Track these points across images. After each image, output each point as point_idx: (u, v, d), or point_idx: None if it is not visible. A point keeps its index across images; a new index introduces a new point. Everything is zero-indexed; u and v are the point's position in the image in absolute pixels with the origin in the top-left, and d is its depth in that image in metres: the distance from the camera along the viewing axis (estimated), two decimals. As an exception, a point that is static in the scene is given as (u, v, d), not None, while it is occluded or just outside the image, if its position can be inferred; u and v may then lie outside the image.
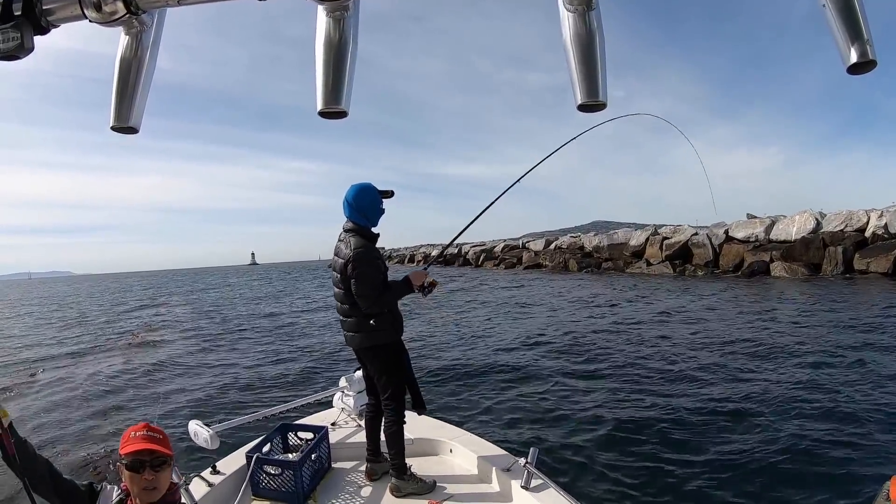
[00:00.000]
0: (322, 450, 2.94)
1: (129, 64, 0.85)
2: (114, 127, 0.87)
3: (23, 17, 0.75)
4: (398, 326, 2.76)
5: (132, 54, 0.85)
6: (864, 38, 0.69)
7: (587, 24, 0.74)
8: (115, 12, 0.77)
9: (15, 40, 0.74)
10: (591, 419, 5.19)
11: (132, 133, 0.89)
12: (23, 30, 0.75)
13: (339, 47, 0.77)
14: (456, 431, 3.25)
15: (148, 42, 0.85)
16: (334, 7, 0.75)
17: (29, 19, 0.76)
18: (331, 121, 0.79)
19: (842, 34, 0.69)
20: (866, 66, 0.70)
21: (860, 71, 0.71)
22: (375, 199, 2.68)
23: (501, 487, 2.64)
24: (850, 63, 0.69)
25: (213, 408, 6.32)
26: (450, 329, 11.80)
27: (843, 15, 0.69)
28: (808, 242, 22.61)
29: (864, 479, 3.66)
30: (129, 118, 0.86)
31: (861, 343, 7.94)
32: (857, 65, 0.69)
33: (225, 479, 2.66)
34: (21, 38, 0.75)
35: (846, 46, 0.69)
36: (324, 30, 0.77)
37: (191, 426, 2.93)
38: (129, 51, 0.85)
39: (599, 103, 0.75)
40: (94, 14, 0.77)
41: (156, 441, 1.55)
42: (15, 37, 0.74)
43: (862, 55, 0.69)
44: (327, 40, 0.77)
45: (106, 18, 0.77)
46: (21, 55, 0.76)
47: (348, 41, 0.77)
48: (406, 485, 2.69)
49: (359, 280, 2.57)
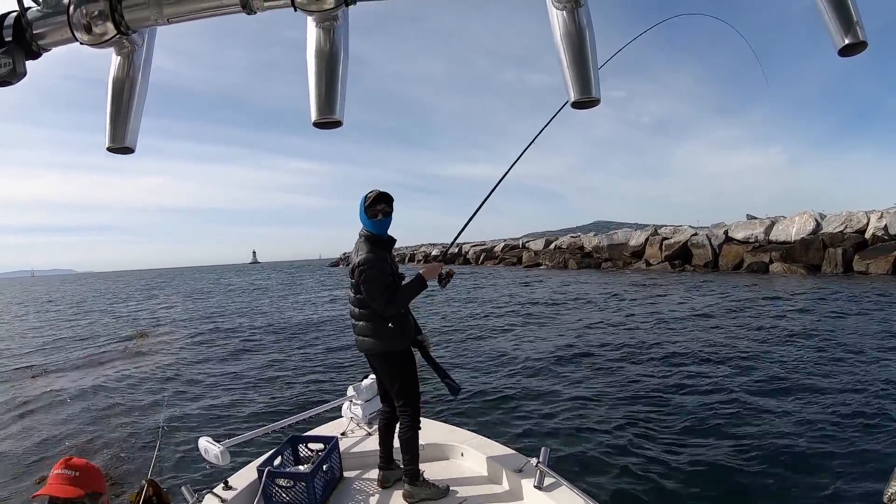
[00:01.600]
0: (333, 460, 2.96)
1: (121, 84, 0.85)
2: (110, 148, 0.87)
3: (14, 42, 0.77)
4: (408, 333, 2.80)
5: (124, 75, 0.85)
6: (854, 19, 0.69)
7: (577, 21, 0.75)
8: (106, 33, 0.77)
9: (7, 66, 0.75)
10: (602, 418, 5.23)
11: (128, 153, 0.88)
12: (14, 55, 0.76)
13: (330, 57, 0.77)
14: (466, 435, 3.26)
15: (140, 61, 0.85)
16: (323, 17, 0.76)
17: (20, 44, 0.77)
18: (326, 131, 0.78)
19: (832, 17, 0.70)
20: (857, 48, 0.70)
21: (851, 52, 0.71)
22: (361, 207, 2.74)
23: (514, 488, 2.65)
24: (842, 45, 0.70)
25: (220, 421, 6.29)
26: (454, 329, 11.83)
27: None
28: (807, 243, 22.66)
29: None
30: (124, 138, 0.86)
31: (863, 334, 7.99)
32: (849, 46, 0.70)
33: (237, 494, 2.67)
34: (13, 63, 0.76)
35: (837, 29, 0.70)
36: (314, 40, 0.77)
37: (201, 443, 2.93)
38: (121, 71, 0.85)
39: (593, 99, 0.74)
40: (85, 36, 0.77)
41: (71, 482, 1.52)
42: (7, 62, 0.75)
43: (853, 36, 0.69)
44: (318, 50, 0.77)
45: (96, 40, 0.77)
46: (14, 80, 0.77)
47: (339, 51, 0.77)
48: (419, 490, 2.71)
49: (367, 285, 2.63)
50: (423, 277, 2.74)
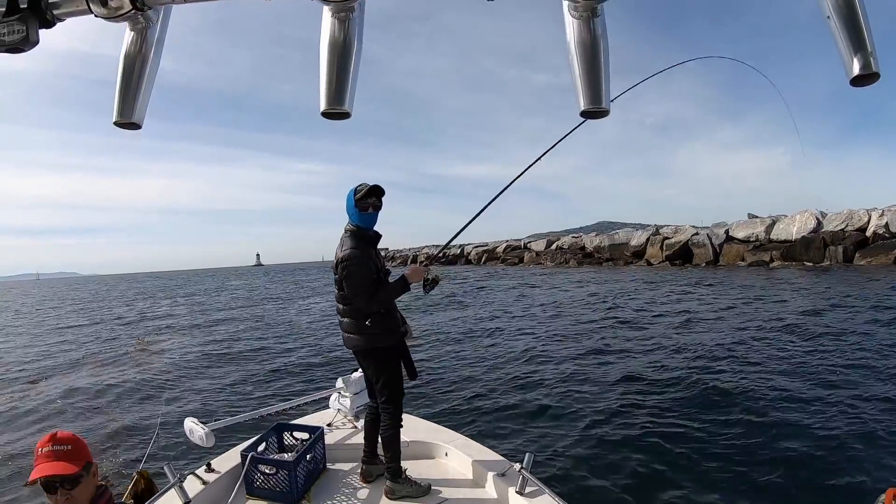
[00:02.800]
0: (317, 450, 2.96)
1: (133, 60, 0.85)
2: (116, 122, 0.87)
3: (28, 10, 0.76)
4: (395, 329, 2.78)
5: (136, 50, 0.84)
6: (868, 49, 0.69)
7: (591, 31, 0.74)
8: (121, 7, 0.77)
9: (20, 33, 0.75)
10: (588, 424, 5.15)
11: (135, 129, 0.88)
12: (28, 23, 0.75)
13: (343, 48, 0.77)
14: (451, 435, 3.25)
15: (153, 39, 0.85)
16: (339, 7, 0.76)
17: (35, 13, 0.76)
18: (334, 121, 0.79)
19: (846, 46, 0.70)
20: (869, 79, 0.70)
21: (863, 83, 0.71)
22: (349, 199, 2.72)
23: (496, 492, 2.64)
24: (854, 75, 0.70)
25: (209, 406, 6.34)
26: (444, 329, 11.83)
27: (847, 27, 0.70)
28: (808, 242, 22.62)
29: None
30: (132, 114, 0.86)
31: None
32: (861, 76, 0.70)
33: (219, 477, 2.67)
34: (26, 31, 0.75)
35: (850, 58, 0.70)
36: (329, 30, 0.77)
37: (186, 423, 2.94)
38: (133, 47, 0.84)
39: (602, 110, 0.75)
40: (100, 9, 0.76)
41: (63, 457, 1.44)
42: (20, 29, 0.75)
43: (865, 67, 0.69)
44: (332, 41, 0.77)
45: (111, 13, 0.77)
46: (26, 48, 0.76)
47: (353, 42, 0.77)
48: (401, 488, 2.71)
49: (349, 280, 2.62)
50: (406, 280, 2.74)
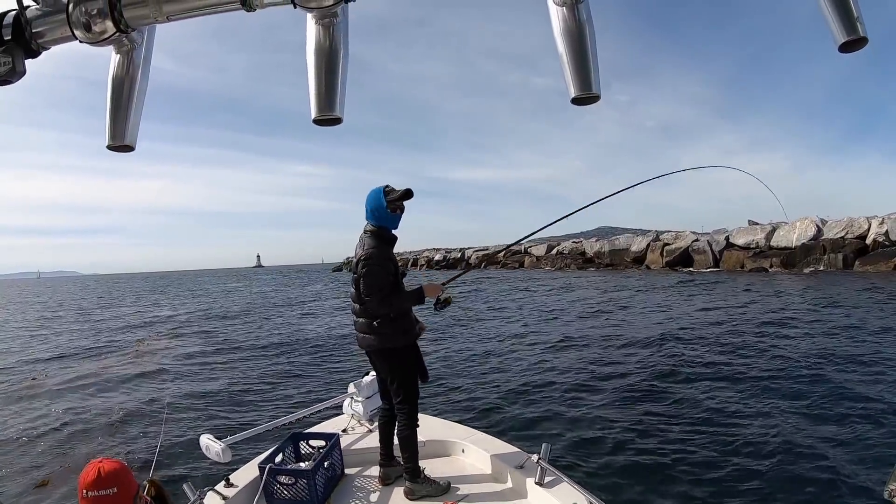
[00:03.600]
0: (334, 457, 2.96)
1: (121, 82, 0.84)
2: (110, 146, 0.86)
3: (13, 41, 0.77)
4: (409, 330, 2.79)
5: (124, 73, 0.84)
6: (854, 15, 0.69)
7: (577, 17, 0.74)
8: (105, 32, 0.77)
9: (7, 65, 0.76)
10: (603, 414, 5.24)
11: (128, 151, 0.87)
12: (14, 54, 0.76)
13: (329, 54, 0.77)
14: (467, 431, 3.26)
15: (139, 59, 0.85)
16: (323, 14, 0.76)
17: (19, 43, 0.77)
18: (327, 128, 0.79)
19: (833, 13, 0.70)
20: (858, 44, 0.70)
21: (852, 48, 0.71)
22: (379, 199, 2.73)
23: (515, 485, 2.65)
24: (842, 41, 0.70)
25: (222, 419, 6.30)
26: (457, 330, 11.83)
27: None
28: (808, 249, 22.68)
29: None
30: (124, 136, 0.86)
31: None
32: (849, 42, 0.70)
33: (239, 491, 2.66)
34: (12, 62, 0.76)
35: (837, 25, 0.70)
36: (314, 38, 0.77)
37: (202, 440, 2.93)
38: (121, 69, 0.84)
39: (593, 95, 0.74)
40: (84, 35, 0.76)
41: (107, 500, 1.42)
42: (6, 61, 0.76)
43: (852, 32, 0.69)
44: (318, 48, 0.77)
45: (96, 38, 0.77)
46: (13, 79, 0.77)
47: (339, 48, 0.77)
48: (420, 487, 2.72)
49: (366, 279, 2.64)
50: (422, 293, 2.76)
